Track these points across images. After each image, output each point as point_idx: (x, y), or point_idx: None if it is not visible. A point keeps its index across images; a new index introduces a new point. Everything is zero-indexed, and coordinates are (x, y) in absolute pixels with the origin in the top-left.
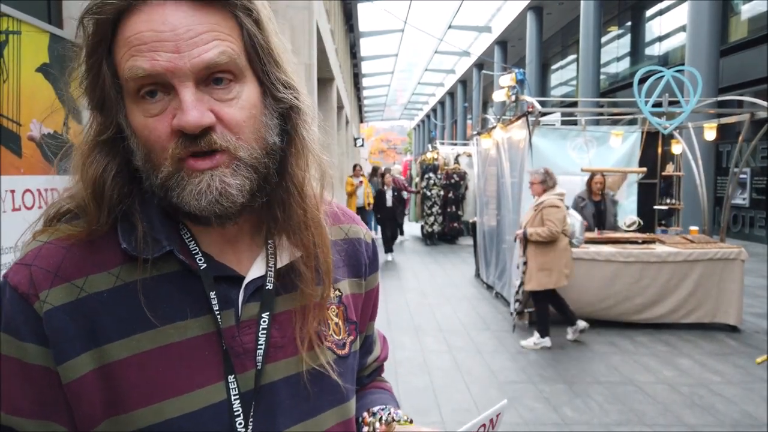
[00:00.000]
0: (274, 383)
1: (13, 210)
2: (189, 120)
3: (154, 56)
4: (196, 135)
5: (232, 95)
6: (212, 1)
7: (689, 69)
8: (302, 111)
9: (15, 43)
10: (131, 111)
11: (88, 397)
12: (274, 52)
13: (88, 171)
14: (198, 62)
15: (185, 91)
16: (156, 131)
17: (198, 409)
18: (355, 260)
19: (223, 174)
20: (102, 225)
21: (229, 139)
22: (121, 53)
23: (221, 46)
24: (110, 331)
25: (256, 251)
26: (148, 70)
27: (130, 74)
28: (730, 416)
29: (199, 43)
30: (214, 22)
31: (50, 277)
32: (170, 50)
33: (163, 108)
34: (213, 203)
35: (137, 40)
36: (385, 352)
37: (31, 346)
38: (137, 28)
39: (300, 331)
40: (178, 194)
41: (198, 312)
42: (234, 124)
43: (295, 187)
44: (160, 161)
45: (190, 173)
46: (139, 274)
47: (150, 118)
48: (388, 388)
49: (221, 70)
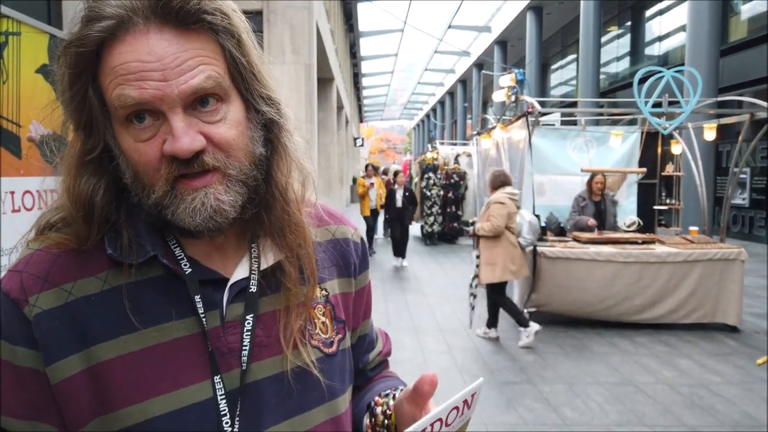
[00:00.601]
0: (259, 382)
1: (13, 211)
2: (181, 146)
3: (142, 85)
4: (188, 159)
5: (219, 116)
6: (195, 26)
7: (689, 69)
8: (283, 121)
9: (15, 44)
10: (120, 134)
11: (77, 397)
12: (255, 68)
13: (78, 191)
14: (185, 88)
15: (175, 117)
16: (147, 155)
17: (183, 407)
18: (343, 260)
19: (217, 191)
20: (91, 241)
21: (220, 159)
22: (107, 81)
23: (207, 70)
24: (98, 333)
25: (241, 254)
26: (137, 98)
27: (119, 103)
28: (730, 417)
29: (186, 69)
30: (198, 47)
31: (40, 282)
32: (158, 79)
33: (153, 133)
34: (207, 220)
35: (124, 71)
36: (388, 347)
37: (21, 349)
38: (123, 59)
39: (284, 331)
40: (172, 212)
41: (183, 314)
42: (224, 143)
43: (279, 191)
44: (152, 181)
45: (183, 192)
46: (124, 278)
47: (140, 142)
48: (394, 376)
49: (207, 93)
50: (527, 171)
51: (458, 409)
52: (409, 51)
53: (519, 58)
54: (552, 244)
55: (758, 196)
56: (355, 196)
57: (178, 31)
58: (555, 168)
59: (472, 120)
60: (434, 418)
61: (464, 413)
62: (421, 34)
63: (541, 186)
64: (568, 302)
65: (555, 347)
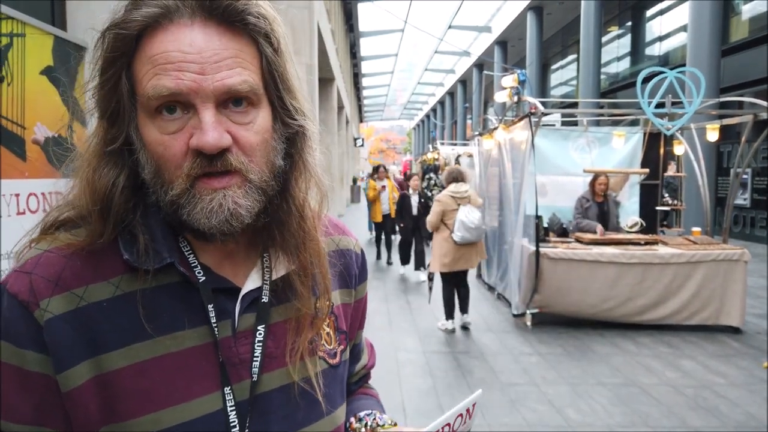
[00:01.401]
0: (269, 393)
1: (18, 214)
2: (209, 140)
3: (179, 75)
4: (213, 155)
5: (248, 119)
6: (238, 27)
7: (692, 70)
8: (308, 137)
9: (19, 45)
10: (145, 126)
11: (86, 406)
12: (289, 80)
13: (97, 184)
14: (220, 86)
15: (206, 111)
16: (172, 148)
17: (194, 418)
18: (345, 271)
19: (235, 195)
20: (105, 238)
21: (243, 161)
22: (144, 70)
23: (244, 74)
24: (109, 340)
25: (252, 264)
26: (173, 89)
27: (153, 93)
28: (734, 418)
29: (224, 67)
30: (238, 48)
31: (51, 286)
32: (195, 71)
33: (181, 126)
34: (223, 222)
35: (163, 59)
36: (373, 359)
37: (30, 353)
38: (164, 47)
39: (293, 343)
40: (188, 212)
41: (196, 323)
42: (248, 147)
43: (296, 207)
44: (172, 178)
45: (202, 191)
46: (139, 284)
47: (166, 135)
48: (374, 395)
49: (241, 96)
50: (529, 171)
51: (462, 416)
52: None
53: (519, 59)
54: (554, 245)
55: (759, 197)
56: (356, 196)
57: (221, 28)
58: (557, 169)
59: (473, 120)
60: (443, 422)
61: (466, 422)
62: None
63: (543, 187)
64: (570, 303)
65: (558, 348)
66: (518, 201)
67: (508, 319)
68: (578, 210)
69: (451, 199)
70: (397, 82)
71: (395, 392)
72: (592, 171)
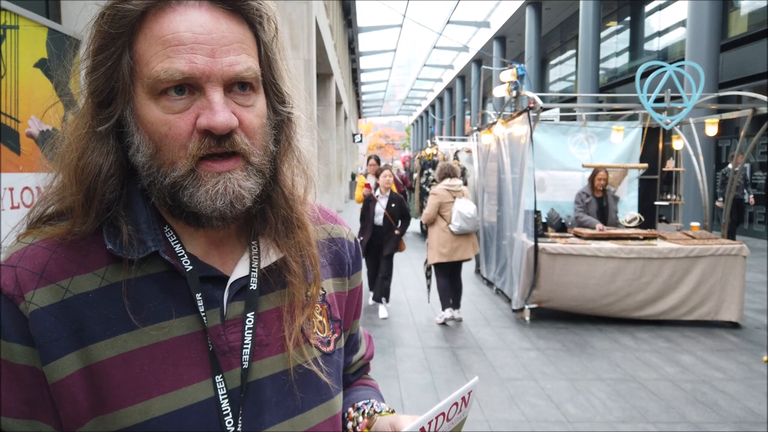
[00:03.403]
0: (261, 381)
1: (12, 208)
2: (220, 120)
3: (192, 58)
4: (221, 136)
5: (251, 102)
6: (241, 14)
7: (691, 64)
8: (295, 124)
9: (13, 38)
10: (146, 106)
11: (74, 397)
12: (281, 68)
13: (83, 166)
14: (229, 71)
15: (215, 93)
16: (176, 128)
17: (184, 406)
18: (338, 259)
19: (239, 177)
20: (87, 227)
21: (247, 143)
22: (151, 50)
23: (249, 61)
24: (96, 331)
25: (240, 252)
26: (186, 72)
27: (165, 76)
28: (733, 413)
29: (231, 51)
30: (242, 33)
31: (35, 278)
32: (207, 54)
33: (187, 106)
34: (227, 205)
35: (175, 40)
36: (371, 350)
37: (17, 346)
38: (174, 27)
39: (287, 330)
40: (191, 193)
41: (184, 312)
42: (251, 129)
43: (284, 193)
44: (175, 158)
45: (205, 174)
46: (124, 274)
47: (171, 114)
48: (373, 385)
49: (246, 81)
50: (528, 166)
51: (457, 405)
52: (408, 46)
53: (518, 54)
54: (553, 240)
55: (758, 192)
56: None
57: (227, 12)
58: (556, 164)
59: (472, 116)
60: (437, 412)
61: (462, 410)
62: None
63: (542, 182)
64: (569, 298)
65: (556, 344)
66: (517, 196)
67: (507, 314)
68: (580, 204)
69: (447, 192)
70: (396, 77)
71: (394, 388)
72: (591, 166)
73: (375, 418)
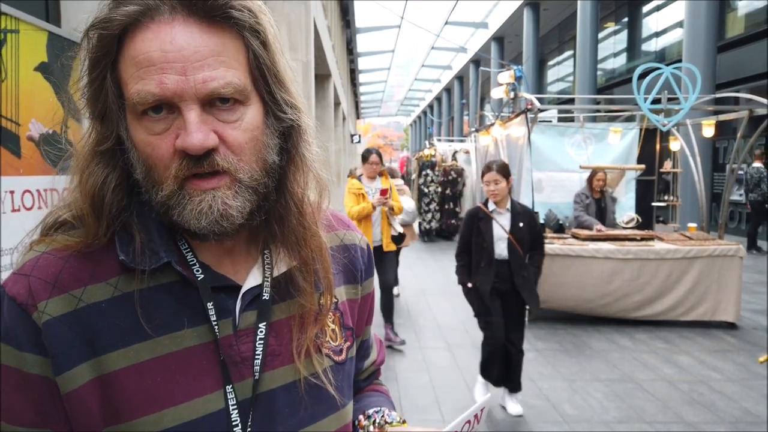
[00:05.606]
0: (272, 391)
1: (13, 211)
2: (193, 142)
3: (162, 79)
4: (200, 156)
5: (235, 117)
6: (221, 21)
7: (688, 65)
8: (303, 130)
9: (13, 42)
10: (133, 126)
11: (87, 407)
12: (279, 72)
13: (87, 183)
14: (203, 88)
15: (190, 113)
16: (159, 149)
17: (196, 418)
18: (350, 266)
19: (225, 196)
20: (100, 238)
21: (231, 161)
22: (128, 72)
23: (227, 75)
24: (108, 341)
25: (253, 261)
26: (158, 94)
27: (138, 99)
28: (729, 413)
29: (205, 67)
30: (221, 44)
31: (49, 287)
32: (177, 72)
33: (167, 126)
34: (213, 223)
35: (146, 61)
36: (382, 356)
37: (30, 356)
38: (145, 48)
39: (297, 340)
40: (179, 213)
41: (196, 322)
42: (236, 146)
43: (294, 203)
44: (161, 179)
45: (191, 192)
46: (136, 284)
47: (153, 135)
48: (384, 392)
49: (226, 97)
50: (526, 168)
51: (470, 422)
52: (406, 47)
53: (516, 55)
54: (551, 241)
55: None
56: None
57: (203, 25)
58: (553, 165)
59: (470, 116)
60: (451, 430)
61: (474, 427)
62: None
63: (540, 183)
64: (566, 299)
65: (554, 344)
66: (515, 197)
67: None
68: (580, 205)
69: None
70: (394, 78)
71: (392, 388)
72: (589, 167)
73: (386, 428)
